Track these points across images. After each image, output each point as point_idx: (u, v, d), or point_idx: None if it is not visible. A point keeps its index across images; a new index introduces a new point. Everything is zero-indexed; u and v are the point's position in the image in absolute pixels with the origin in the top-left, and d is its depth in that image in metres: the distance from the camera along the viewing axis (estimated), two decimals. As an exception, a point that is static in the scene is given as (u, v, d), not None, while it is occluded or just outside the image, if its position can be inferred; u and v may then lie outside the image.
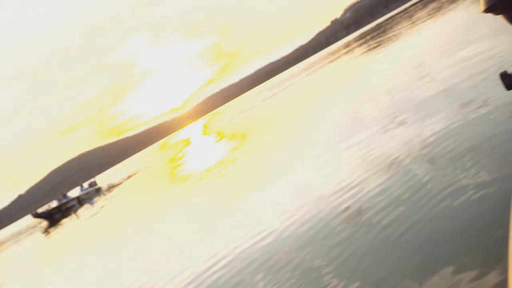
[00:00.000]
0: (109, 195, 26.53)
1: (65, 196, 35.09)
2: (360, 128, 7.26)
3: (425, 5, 48.67)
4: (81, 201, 33.36)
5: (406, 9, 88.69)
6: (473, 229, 2.72)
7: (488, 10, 1.16)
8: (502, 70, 1.10)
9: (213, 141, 23.15)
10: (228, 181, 9.29)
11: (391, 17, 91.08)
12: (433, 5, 38.36)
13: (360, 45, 39.49)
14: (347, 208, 4.15)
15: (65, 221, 24.09)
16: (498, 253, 2.30)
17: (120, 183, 32.97)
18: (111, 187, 33.64)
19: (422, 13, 35.00)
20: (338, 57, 39.29)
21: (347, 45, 66.70)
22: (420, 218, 3.19)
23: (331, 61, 39.91)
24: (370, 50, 25.84)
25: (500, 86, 4.63)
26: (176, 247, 6.42)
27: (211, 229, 6.36)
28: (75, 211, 27.21)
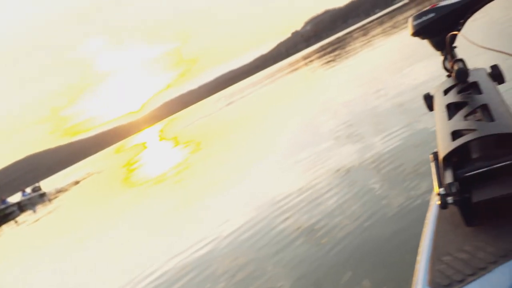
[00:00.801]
0: (54, 201, 25.29)
1: (4, 201, 32.84)
2: (309, 141, 7.32)
3: (381, 23, 50.56)
4: (22, 207, 31.30)
5: (363, 25, 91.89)
6: (396, 245, 2.82)
7: (415, 34, 1.27)
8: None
9: (168, 147, 22.87)
10: (177, 189, 9.13)
11: (349, 32, 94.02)
12: (388, 23, 39.87)
13: (319, 57, 40.32)
14: (286, 219, 4.18)
15: (2, 228, 22.63)
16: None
17: (67, 189, 31.59)
18: (57, 192, 32.10)
19: (378, 30, 36.24)
20: (298, 68, 39.89)
21: (306, 57, 68.06)
22: (351, 231, 3.28)
23: (290, 72, 40.45)
24: (327, 63, 26.35)
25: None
26: (113, 257, 6.22)
27: (153, 237, 6.23)
28: (14, 218, 25.62)
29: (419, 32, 1.28)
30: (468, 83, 1.04)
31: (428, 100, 1.19)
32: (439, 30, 1.24)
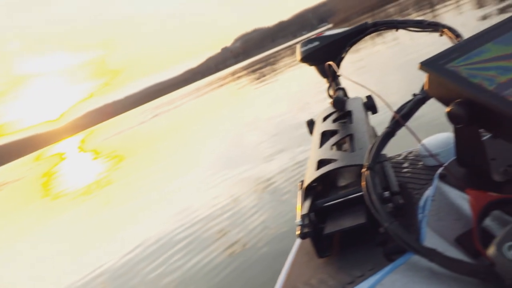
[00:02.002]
0: None
1: None
2: (225, 160, 7.13)
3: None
4: None
5: (290, 45, 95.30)
6: (277, 271, 2.85)
7: (302, 60, 1.32)
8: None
9: (84, 160, 21.69)
10: (83, 206, 8.45)
11: (277, 51, 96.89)
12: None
13: (247, 74, 40.82)
14: (183, 239, 4.13)
15: None
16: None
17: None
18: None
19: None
20: (226, 84, 40.01)
21: (235, 72, 68.77)
22: (242, 254, 3.33)
23: (218, 87, 40.46)
24: (255, 79, 26.62)
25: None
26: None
27: (45, 260, 5.79)
28: None
29: (305, 58, 1.32)
30: (345, 112, 1.08)
31: (310, 126, 1.21)
32: (322, 58, 1.30)
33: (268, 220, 3.70)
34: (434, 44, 9.09)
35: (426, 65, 0.62)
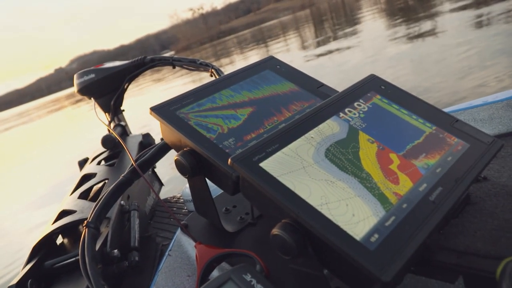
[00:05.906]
0: None
1: None
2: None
3: (152, 71, 51.61)
4: None
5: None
6: None
7: (79, 92, 1.26)
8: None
9: None
10: None
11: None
12: (159, 72, 41.01)
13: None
14: None
15: None
16: None
17: None
18: None
19: (147, 78, 36.76)
20: (60, 108, 36.54)
21: (70, 96, 63.59)
22: None
23: (50, 112, 36.69)
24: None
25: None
26: None
27: None
28: None
29: (82, 91, 1.23)
30: (116, 151, 1.01)
31: (82, 166, 1.09)
32: (100, 91, 1.23)
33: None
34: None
35: (155, 110, 0.57)
